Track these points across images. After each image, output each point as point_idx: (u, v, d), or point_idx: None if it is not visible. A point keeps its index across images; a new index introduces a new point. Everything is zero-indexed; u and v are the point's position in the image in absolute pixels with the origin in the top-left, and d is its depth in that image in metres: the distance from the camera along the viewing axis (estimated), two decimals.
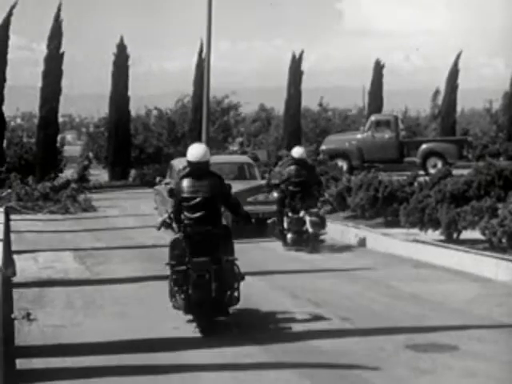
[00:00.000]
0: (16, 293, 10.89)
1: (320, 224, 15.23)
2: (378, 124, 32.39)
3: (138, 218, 22.19)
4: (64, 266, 13.52)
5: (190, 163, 9.20)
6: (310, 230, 15.12)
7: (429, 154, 31.39)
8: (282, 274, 12.62)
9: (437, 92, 50.67)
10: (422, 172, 28.17)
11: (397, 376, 7.04)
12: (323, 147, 32.57)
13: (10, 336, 8.48)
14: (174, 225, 9.88)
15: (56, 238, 18.17)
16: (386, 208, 16.76)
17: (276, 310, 9.83)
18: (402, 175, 20.22)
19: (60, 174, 36.70)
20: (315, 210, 15.37)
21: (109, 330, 8.88)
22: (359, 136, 32.49)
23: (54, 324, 9.16)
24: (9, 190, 26.39)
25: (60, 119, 42.81)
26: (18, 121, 57.28)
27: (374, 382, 6.88)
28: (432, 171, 26.17)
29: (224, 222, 9.58)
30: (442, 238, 13.97)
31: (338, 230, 16.98)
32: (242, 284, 9.14)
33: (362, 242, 15.88)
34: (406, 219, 14.88)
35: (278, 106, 52.61)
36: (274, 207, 16.09)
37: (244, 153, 38.01)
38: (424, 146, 31.71)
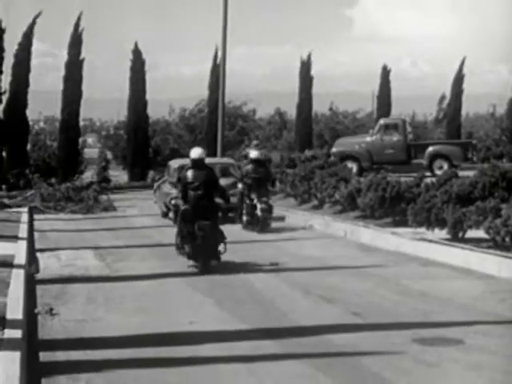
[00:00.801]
0: (39, 289, 11.14)
1: (268, 210, 18.64)
2: (386, 127, 32.54)
3: (156, 218, 22.36)
4: (85, 264, 13.71)
5: (192, 160, 13.28)
6: (260, 214, 18.44)
7: (435, 156, 31.49)
8: (293, 271, 12.83)
9: (443, 97, 50.82)
10: (428, 173, 28.33)
11: (404, 368, 7.20)
12: (334, 149, 32.76)
13: (33, 330, 8.68)
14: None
15: (77, 237, 18.44)
16: (394, 208, 17.01)
17: (288, 305, 10.04)
18: (409, 176, 20.45)
19: (81, 176, 37.26)
20: (265, 199, 18.71)
21: (128, 325, 9.05)
22: (368, 139, 32.60)
23: (75, 319, 9.32)
24: (32, 191, 26.79)
25: (81, 123, 43.10)
26: (41, 124, 57.67)
27: (383, 374, 7.03)
28: (438, 173, 26.39)
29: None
30: (448, 236, 14.20)
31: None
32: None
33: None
34: (413, 219, 15.14)
35: (289, 111, 52.71)
36: None
37: None
38: (430, 149, 31.80)
